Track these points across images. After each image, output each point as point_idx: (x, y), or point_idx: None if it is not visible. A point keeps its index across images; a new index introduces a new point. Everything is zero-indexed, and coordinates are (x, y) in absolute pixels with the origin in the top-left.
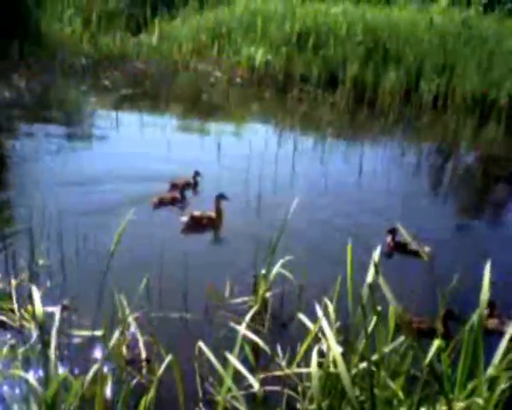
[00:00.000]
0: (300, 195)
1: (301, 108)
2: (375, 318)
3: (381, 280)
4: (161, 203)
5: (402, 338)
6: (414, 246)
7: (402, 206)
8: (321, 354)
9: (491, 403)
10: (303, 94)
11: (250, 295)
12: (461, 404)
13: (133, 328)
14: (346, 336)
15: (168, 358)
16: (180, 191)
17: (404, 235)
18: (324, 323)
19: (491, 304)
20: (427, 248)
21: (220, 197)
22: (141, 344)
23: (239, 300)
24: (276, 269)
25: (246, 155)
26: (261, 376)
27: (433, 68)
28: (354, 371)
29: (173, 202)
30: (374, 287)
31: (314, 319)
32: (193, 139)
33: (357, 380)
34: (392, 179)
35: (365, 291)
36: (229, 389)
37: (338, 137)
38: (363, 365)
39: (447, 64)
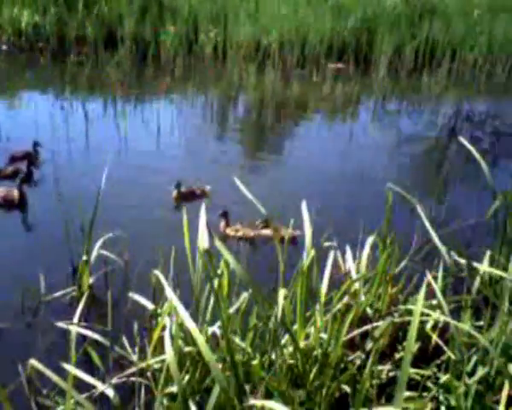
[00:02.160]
0: (100, 163)
1: (83, 72)
2: (216, 281)
3: (217, 244)
4: None
5: (245, 295)
6: (198, 191)
7: (194, 156)
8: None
9: (329, 326)
10: (82, 57)
11: (71, 285)
12: (304, 342)
13: None
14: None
15: None
16: (28, 164)
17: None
18: (171, 296)
19: (224, 214)
20: (208, 187)
21: (21, 181)
22: None
23: (59, 293)
24: (97, 249)
25: (31, 129)
26: (112, 378)
27: (208, 19)
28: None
29: (15, 175)
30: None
31: (148, 295)
32: None
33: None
34: (187, 133)
35: (201, 258)
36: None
37: (128, 97)
38: (211, 330)
39: (220, 13)
